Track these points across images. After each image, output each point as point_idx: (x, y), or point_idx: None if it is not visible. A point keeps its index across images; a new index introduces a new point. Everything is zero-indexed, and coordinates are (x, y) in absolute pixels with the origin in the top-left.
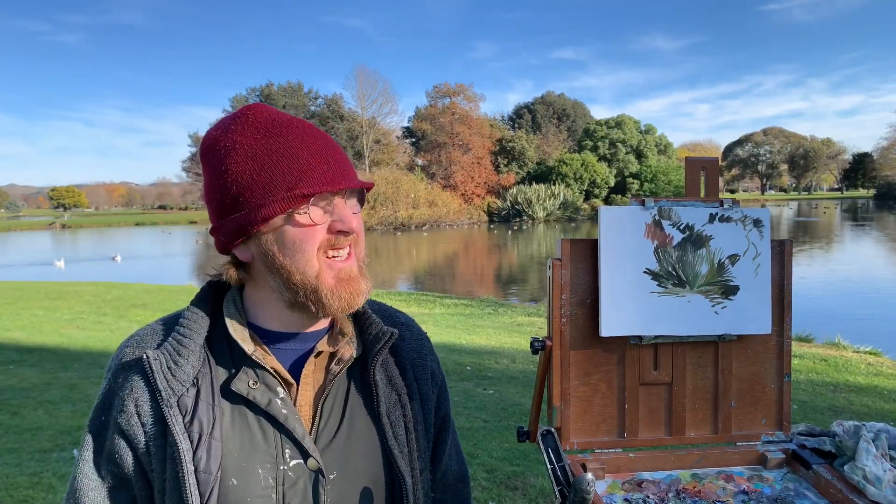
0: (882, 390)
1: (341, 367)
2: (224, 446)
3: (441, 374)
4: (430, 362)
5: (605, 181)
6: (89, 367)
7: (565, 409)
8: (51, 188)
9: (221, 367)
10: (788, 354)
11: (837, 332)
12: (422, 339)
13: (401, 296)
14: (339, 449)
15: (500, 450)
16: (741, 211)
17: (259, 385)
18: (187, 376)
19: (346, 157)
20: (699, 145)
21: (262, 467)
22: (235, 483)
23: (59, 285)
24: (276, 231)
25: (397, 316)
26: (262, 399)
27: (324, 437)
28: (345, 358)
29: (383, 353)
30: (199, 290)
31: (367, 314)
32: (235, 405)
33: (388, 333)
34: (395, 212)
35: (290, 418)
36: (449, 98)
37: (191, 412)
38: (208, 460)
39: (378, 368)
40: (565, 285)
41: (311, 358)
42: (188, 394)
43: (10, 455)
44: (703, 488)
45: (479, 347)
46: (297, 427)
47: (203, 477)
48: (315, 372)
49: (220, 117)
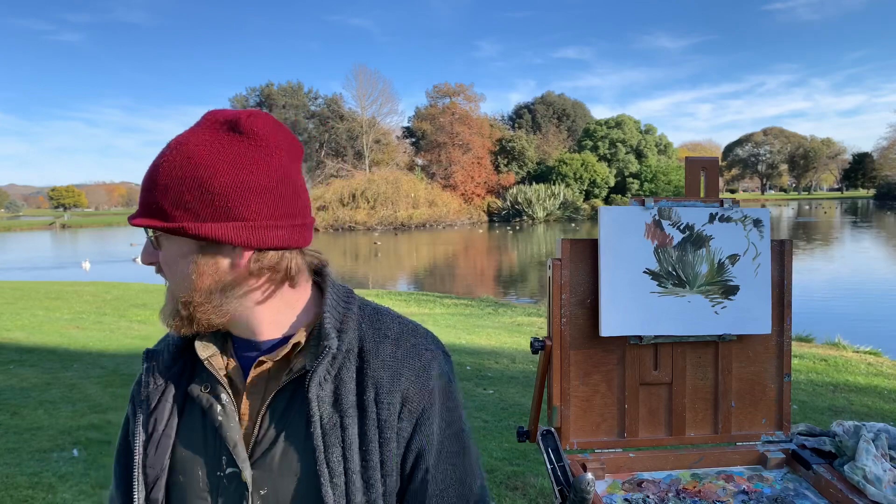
0: (882, 390)
1: (289, 377)
2: (178, 444)
3: (425, 402)
4: (405, 384)
5: (605, 181)
6: (89, 367)
7: (565, 409)
8: (51, 188)
9: (197, 370)
10: (788, 354)
11: (837, 332)
12: (407, 357)
13: (401, 296)
14: (273, 465)
15: (500, 450)
16: (741, 211)
17: (207, 389)
18: (162, 375)
19: (154, 188)
20: (699, 145)
21: (202, 470)
22: (182, 479)
23: (60, 285)
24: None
25: (389, 327)
26: (206, 403)
27: (258, 451)
28: (294, 369)
29: (321, 368)
30: None
31: (321, 324)
32: (195, 407)
33: (325, 347)
34: (395, 212)
35: (225, 425)
36: (449, 98)
37: (153, 408)
38: (156, 455)
39: (320, 384)
40: (565, 285)
41: (253, 367)
42: (157, 390)
43: (10, 455)
44: (703, 488)
45: (479, 347)
46: (230, 435)
47: (149, 471)
48: (270, 382)
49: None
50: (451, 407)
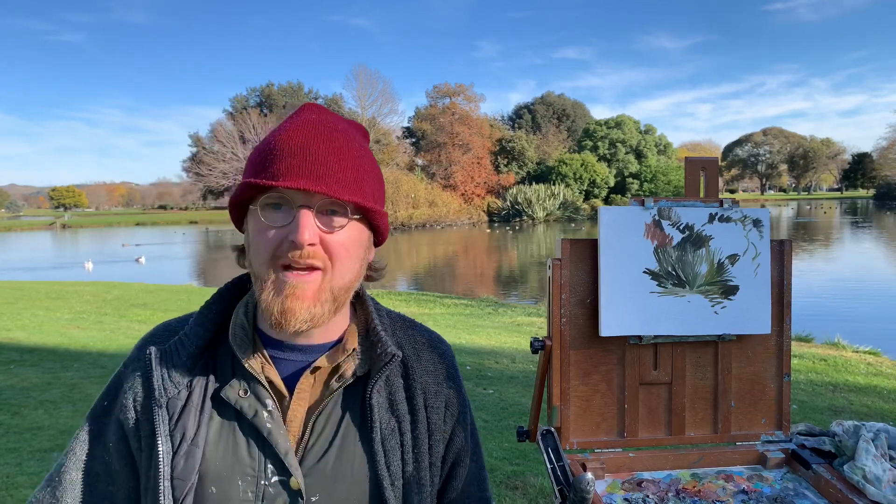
0: (882, 390)
1: (340, 384)
2: (207, 453)
3: (460, 405)
4: (446, 390)
5: (605, 181)
6: (89, 367)
7: (565, 408)
8: (51, 188)
9: (220, 373)
10: (788, 354)
11: (837, 332)
12: (444, 363)
13: (401, 296)
14: (326, 471)
15: (500, 449)
16: (741, 211)
17: (249, 395)
18: (182, 378)
19: (346, 165)
20: (699, 145)
21: (243, 479)
22: (214, 491)
23: (60, 285)
24: (252, 217)
25: (421, 335)
26: (248, 410)
27: (311, 457)
28: (346, 375)
29: (383, 375)
30: (217, 289)
31: (375, 331)
32: (226, 413)
33: (391, 355)
34: (395, 212)
35: (275, 433)
36: (449, 98)
37: (177, 415)
38: (185, 466)
39: (378, 390)
40: (565, 285)
41: (307, 372)
42: (179, 396)
43: (10, 455)
44: (702, 488)
45: (479, 347)
46: (281, 442)
47: (178, 483)
48: (314, 387)
49: (221, 117)
50: (470, 407)
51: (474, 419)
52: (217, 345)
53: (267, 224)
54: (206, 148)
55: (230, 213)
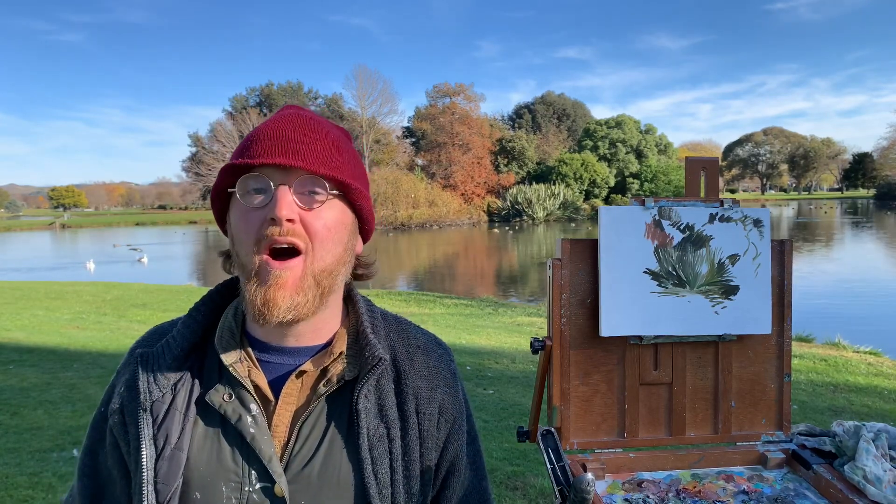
0: (882, 390)
1: (327, 388)
2: (192, 458)
3: (456, 411)
4: (441, 395)
5: (605, 181)
6: (89, 367)
7: (565, 409)
8: (51, 188)
9: (207, 377)
10: (788, 354)
11: (837, 332)
12: (439, 367)
13: (401, 296)
14: (312, 478)
15: (500, 450)
16: (741, 211)
17: (233, 399)
18: (167, 381)
19: (322, 145)
20: (699, 145)
21: (227, 485)
22: (198, 497)
23: (60, 285)
24: (233, 205)
25: (416, 338)
26: (233, 414)
27: (296, 464)
28: (333, 380)
29: (372, 380)
30: (207, 291)
31: (364, 334)
32: (211, 417)
33: (378, 359)
34: (395, 212)
35: (258, 438)
36: (449, 98)
37: (161, 419)
38: (168, 471)
39: (366, 395)
40: (565, 285)
41: (293, 376)
42: (163, 400)
43: (10, 455)
44: (703, 488)
45: (479, 347)
46: (265, 448)
47: (161, 487)
48: (301, 391)
49: (220, 117)
50: (470, 413)
51: (475, 426)
52: (205, 348)
53: (247, 207)
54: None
55: (212, 206)
